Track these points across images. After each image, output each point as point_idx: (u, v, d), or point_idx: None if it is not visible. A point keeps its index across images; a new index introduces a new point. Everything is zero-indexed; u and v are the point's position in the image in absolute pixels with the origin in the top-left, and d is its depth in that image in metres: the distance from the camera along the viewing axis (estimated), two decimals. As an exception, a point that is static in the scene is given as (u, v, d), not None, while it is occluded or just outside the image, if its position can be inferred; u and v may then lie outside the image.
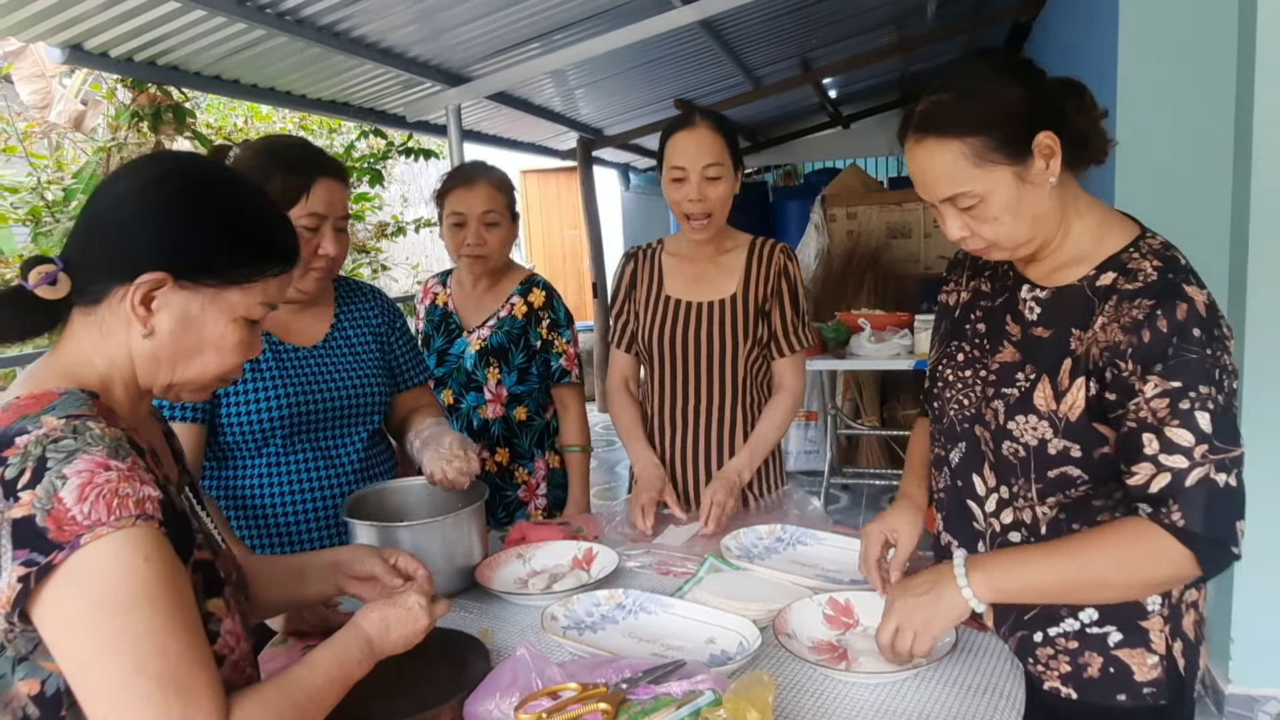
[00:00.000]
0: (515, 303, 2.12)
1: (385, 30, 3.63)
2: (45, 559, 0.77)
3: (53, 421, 0.81)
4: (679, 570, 1.54)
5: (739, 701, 0.93)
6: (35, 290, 0.87)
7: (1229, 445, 1.02)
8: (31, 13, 2.69)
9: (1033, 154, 1.08)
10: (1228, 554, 1.02)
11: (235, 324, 0.94)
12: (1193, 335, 1.02)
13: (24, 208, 3.72)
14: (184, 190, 0.92)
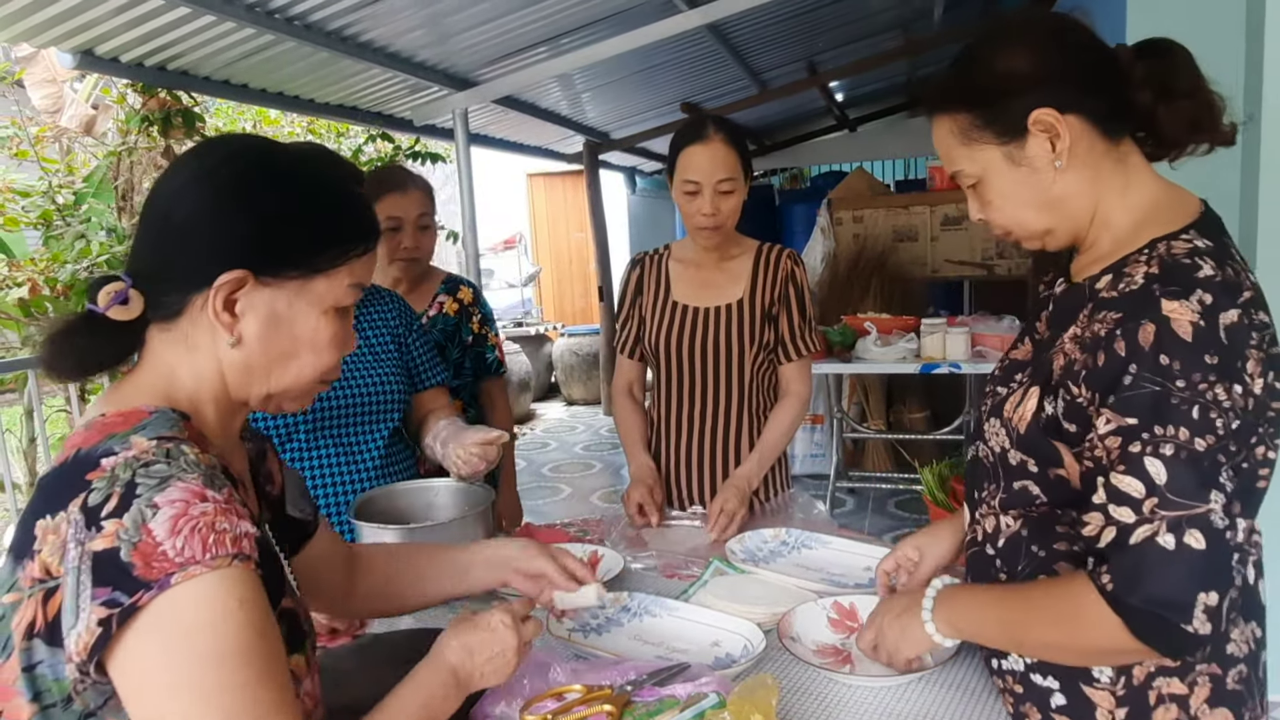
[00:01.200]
0: (444, 301, 2.18)
1: (393, 35, 3.65)
2: (130, 599, 0.67)
3: (143, 443, 0.73)
4: (684, 573, 1.55)
5: (743, 704, 0.94)
6: (107, 313, 0.78)
7: (1189, 500, 0.82)
8: (44, 19, 2.72)
9: (1029, 132, 0.96)
10: (1174, 630, 0.82)
11: (327, 316, 0.84)
12: (1157, 363, 0.85)
13: (35, 211, 3.76)
14: (246, 174, 0.82)
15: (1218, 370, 0.84)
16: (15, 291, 3.55)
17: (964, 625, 1.04)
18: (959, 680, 1.14)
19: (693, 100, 6.27)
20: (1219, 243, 0.94)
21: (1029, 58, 0.96)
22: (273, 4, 3.05)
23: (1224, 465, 0.84)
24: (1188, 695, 0.94)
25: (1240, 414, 0.85)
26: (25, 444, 4.25)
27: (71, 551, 0.69)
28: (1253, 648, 0.97)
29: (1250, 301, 0.89)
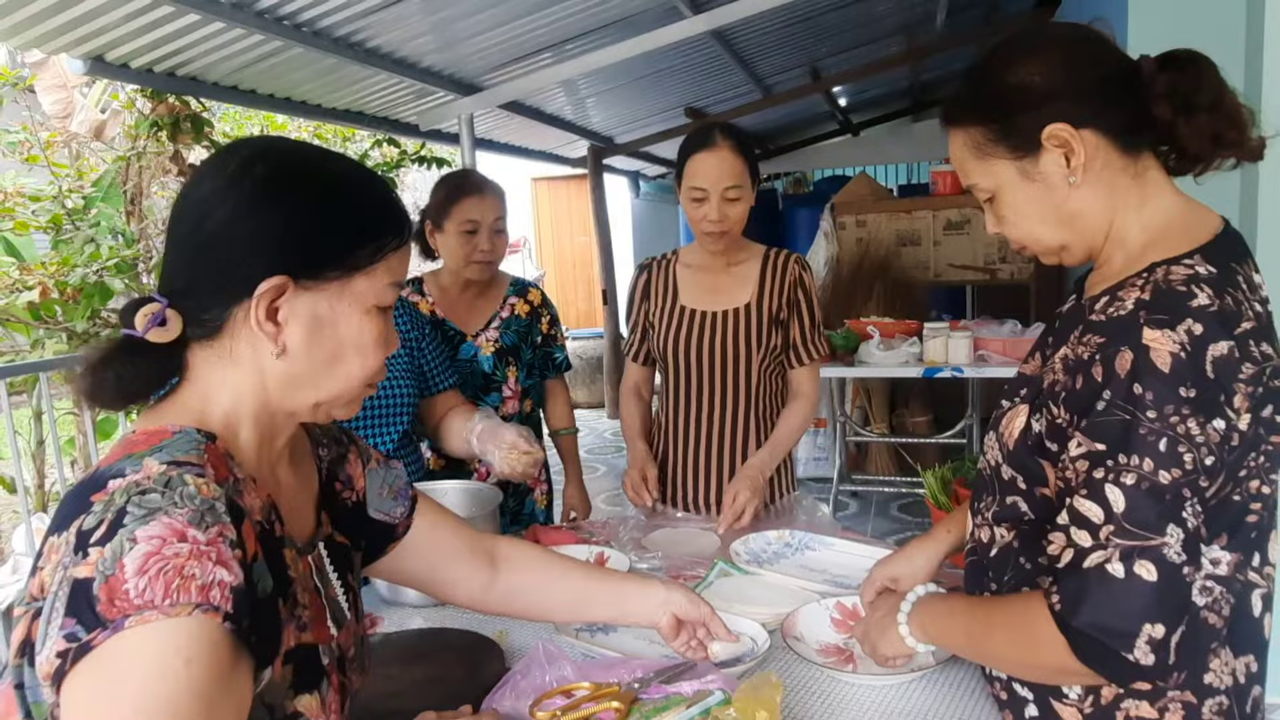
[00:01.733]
0: (515, 303, 2.20)
1: (400, 41, 3.68)
2: (87, 636, 0.63)
3: (153, 466, 0.70)
4: (689, 574, 1.57)
5: (748, 701, 0.96)
6: (146, 336, 0.76)
7: (1145, 531, 0.83)
8: (55, 26, 2.75)
9: (1043, 147, 0.95)
10: (1115, 658, 0.83)
11: (369, 316, 0.81)
12: (1130, 392, 0.84)
13: (45, 215, 3.79)
14: (276, 175, 0.79)
15: (1194, 404, 0.83)
16: (25, 295, 3.58)
17: (935, 632, 1.07)
18: (959, 680, 1.16)
19: (697, 105, 6.30)
20: (1225, 269, 0.91)
21: (1043, 71, 0.95)
22: (281, 10, 3.08)
23: (1188, 500, 0.83)
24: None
25: (1217, 450, 0.84)
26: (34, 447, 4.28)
27: (59, 574, 0.67)
28: (1240, 681, 0.95)
29: (1250, 333, 0.87)
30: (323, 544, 0.90)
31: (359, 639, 0.92)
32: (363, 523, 0.99)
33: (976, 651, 1.05)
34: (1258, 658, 0.97)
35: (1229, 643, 0.95)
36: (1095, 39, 0.98)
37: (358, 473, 1.00)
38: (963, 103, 1.01)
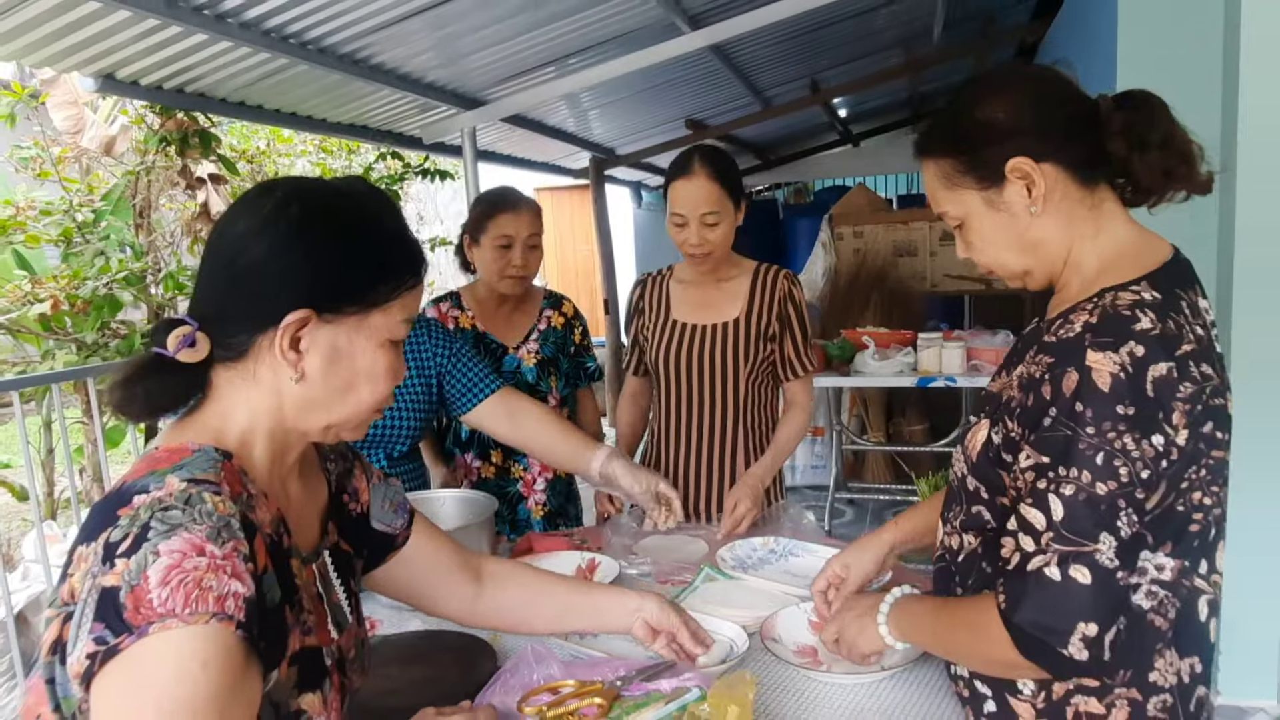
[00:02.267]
0: (550, 316, 2.26)
1: (404, 58, 3.76)
2: (115, 640, 0.70)
3: (175, 483, 0.77)
4: (677, 579, 1.63)
5: (722, 697, 1.02)
6: (176, 356, 0.82)
7: (1080, 538, 0.89)
8: (68, 45, 2.83)
9: (1006, 179, 1.02)
10: (1052, 653, 0.91)
11: (382, 349, 0.89)
12: (1073, 409, 0.90)
13: (56, 229, 3.87)
14: (306, 217, 0.86)
15: (1131, 421, 0.89)
16: (37, 307, 3.66)
17: (909, 631, 1.14)
18: (925, 679, 1.22)
19: (697, 117, 6.38)
20: (1170, 295, 0.97)
21: (1007, 109, 1.02)
22: (287, 29, 3.16)
23: (1123, 510, 0.89)
24: (1105, 716, 0.99)
25: (1153, 464, 0.90)
26: (44, 455, 4.36)
27: (88, 582, 0.73)
28: (1184, 681, 1.01)
29: (1191, 354, 0.93)
30: (328, 552, 0.97)
31: (359, 641, 0.98)
32: (366, 533, 1.06)
33: (942, 648, 1.11)
34: (1202, 660, 1.03)
35: (1174, 644, 1.00)
36: (1057, 80, 1.06)
37: (363, 486, 1.07)
38: (934, 136, 1.08)
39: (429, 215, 8.41)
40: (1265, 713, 2.51)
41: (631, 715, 1.06)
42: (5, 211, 3.83)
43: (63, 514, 4.44)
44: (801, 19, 4.33)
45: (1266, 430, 2.41)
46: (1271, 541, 2.44)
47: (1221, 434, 0.96)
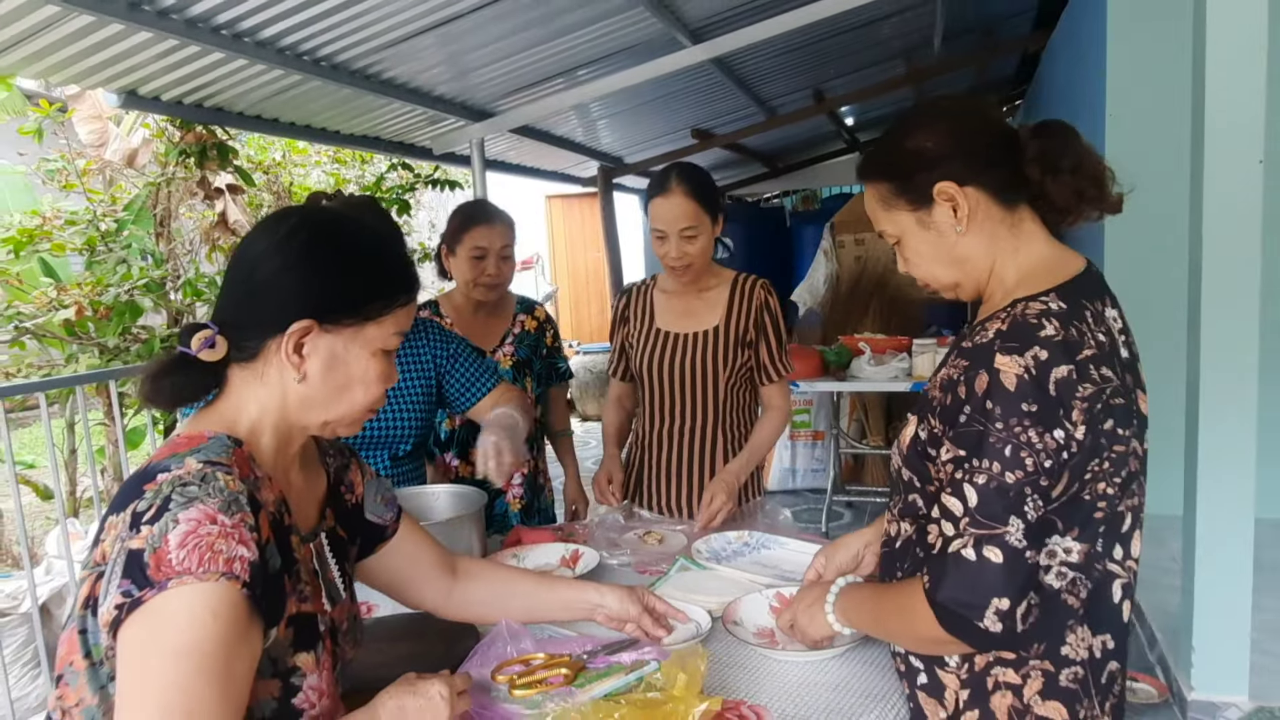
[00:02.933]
0: (524, 320, 2.43)
1: (414, 72, 3.90)
2: (139, 593, 0.83)
3: (192, 465, 0.89)
4: (655, 569, 1.73)
5: (673, 667, 1.12)
6: (198, 355, 0.95)
7: (992, 522, 0.99)
8: (94, 63, 2.99)
9: (934, 201, 1.12)
10: (970, 626, 1.00)
11: (375, 357, 1.01)
12: (984, 407, 1.00)
13: (81, 238, 4.03)
14: (314, 241, 0.99)
15: (1034, 417, 0.99)
16: (62, 313, 3.81)
17: (852, 616, 1.24)
18: (869, 657, 1.32)
19: (703, 127, 6.49)
20: (1075, 305, 1.06)
21: (934, 138, 1.12)
22: (301, 47, 3.30)
23: (1029, 496, 0.99)
24: (1021, 685, 1.09)
25: (1055, 455, 0.99)
26: (67, 455, 4.52)
27: (118, 545, 0.85)
28: (1096, 655, 1.10)
29: (1091, 359, 1.03)
30: (325, 534, 1.09)
31: (352, 616, 1.10)
32: (360, 522, 1.19)
33: (879, 629, 1.21)
34: (1115, 637, 1.13)
35: (1086, 622, 1.10)
36: (981, 112, 1.17)
37: (358, 480, 1.20)
38: (872, 163, 1.19)
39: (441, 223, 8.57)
40: (1237, 708, 2.57)
41: (594, 683, 1.16)
42: (32, 221, 4.00)
43: (85, 512, 4.60)
44: (803, 31, 4.44)
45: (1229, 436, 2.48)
46: (1240, 541, 2.51)
47: (1122, 430, 1.06)
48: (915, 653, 1.17)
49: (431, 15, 3.28)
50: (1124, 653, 1.15)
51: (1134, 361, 1.14)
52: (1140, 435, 1.12)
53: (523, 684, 1.16)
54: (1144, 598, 3.32)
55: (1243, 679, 2.57)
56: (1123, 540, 1.13)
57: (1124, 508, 1.11)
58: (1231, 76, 2.35)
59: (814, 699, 1.22)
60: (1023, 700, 1.09)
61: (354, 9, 3.03)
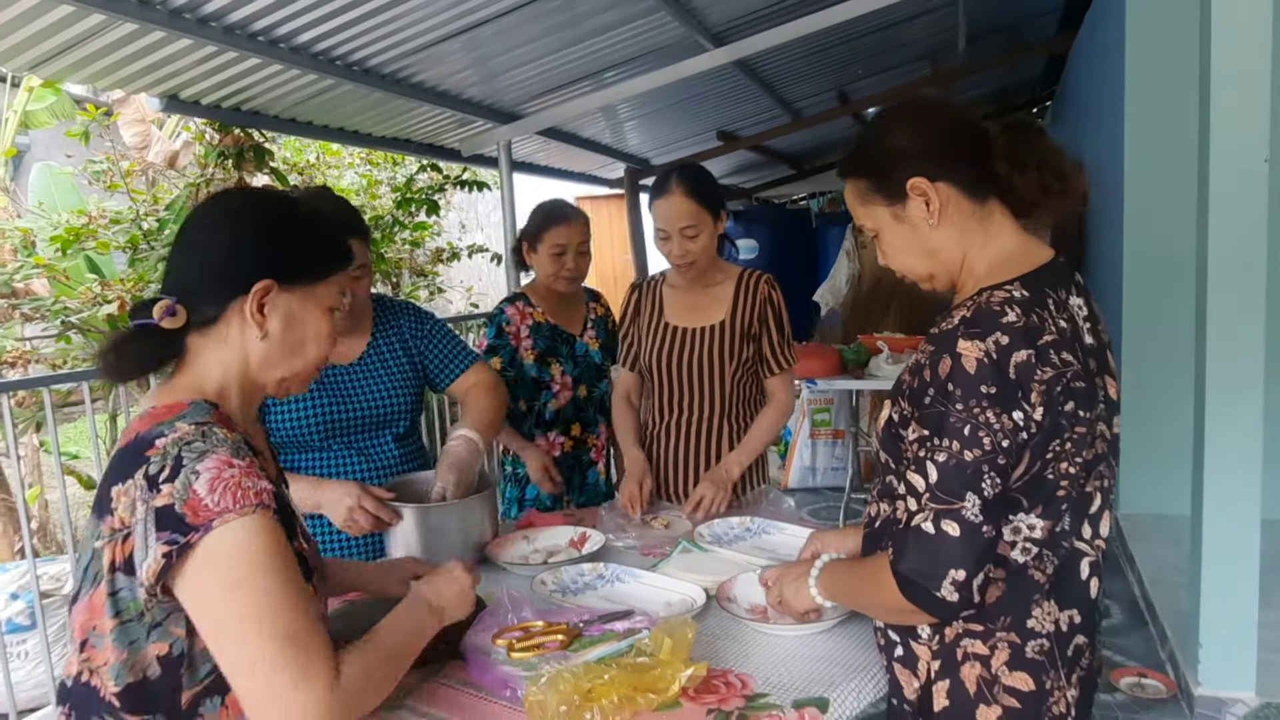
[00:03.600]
0: (595, 307, 2.62)
1: (442, 76, 4.01)
2: (184, 539, 0.93)
3: (184, 427, 0.97)
4: (659, 551, 1.81)
5: (661, 633, 1.20)
6: (160, 323, 1.03)
7: (950, 498, 1.05)
8: (137, 69, 3.13)
9: (908, 196, 1.17)
10: (929, 595, 1.06)
11: (325, 315, 1.13)
12: (946, 389, 1.06)
13: (124, 236, 4.20)
14: (266, 214, 1.10)
15: (992, 399, 1.04)
16: (105, 308, 3.97)
17: (832, 589, 1.31)
18: (854, 633, 1.39)
19: (728, 129, 6.56)
20: (1038, 293, 1.12)
21: (908, 136, 1.18)
22: (334, 52, 3.43)
23: (987, 474, 1.05)
24: (989, 656, 1.14)
25: (1012, 435, 1.05)
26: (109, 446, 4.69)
27: (139, 508, 0.94)
28: (1062, 629, 1.16)
29: (1052, 344, 1.08)
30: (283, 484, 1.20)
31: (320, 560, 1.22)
32: None
33: (854, 600, 1.28)
34: (1082, 613, 1.18)
35: (1052, 596, 1.16)
36: (953, 111, 1.23)
37: None
38: (850, 160, 1.25)
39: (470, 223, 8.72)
40: (1244, 703, 2.59)
41: (588, 649, 1.24)
42: (79, 220, 4.17)
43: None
44: (825, 34, 4.49)
45: (1234, 431, 2.49)
46: (1247, 538, 2.52)
47: (1084, 412, 1.11)
48: (893, 626, 1.23)
49: (460, 20, 3.38)
50: (1092, 628, 1.20)
51: (1102, 349, 1.20)
52: (1108, 419, 1.18)
53: (521, 648, 1.25)
54: (1156, 596, 3.33)
55: (1250, 675, 2.58)
56: (1091, 520, 1.18)
57: (1090, 488, 1.16)
58: (1237, 75, 2.37)
59: (799, 669, 1.29)
60: (990, 670, 1.14)
61: (385, 15, 3.14)
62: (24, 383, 2.77)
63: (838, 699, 1.21)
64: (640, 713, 1.14)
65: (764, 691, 1.21)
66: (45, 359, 4.08)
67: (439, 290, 5.92)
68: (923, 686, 1.18)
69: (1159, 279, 3.90)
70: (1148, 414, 4.07)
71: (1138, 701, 2.79)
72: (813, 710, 1.16)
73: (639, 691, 1.13)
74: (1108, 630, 3.32)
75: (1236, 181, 2.39)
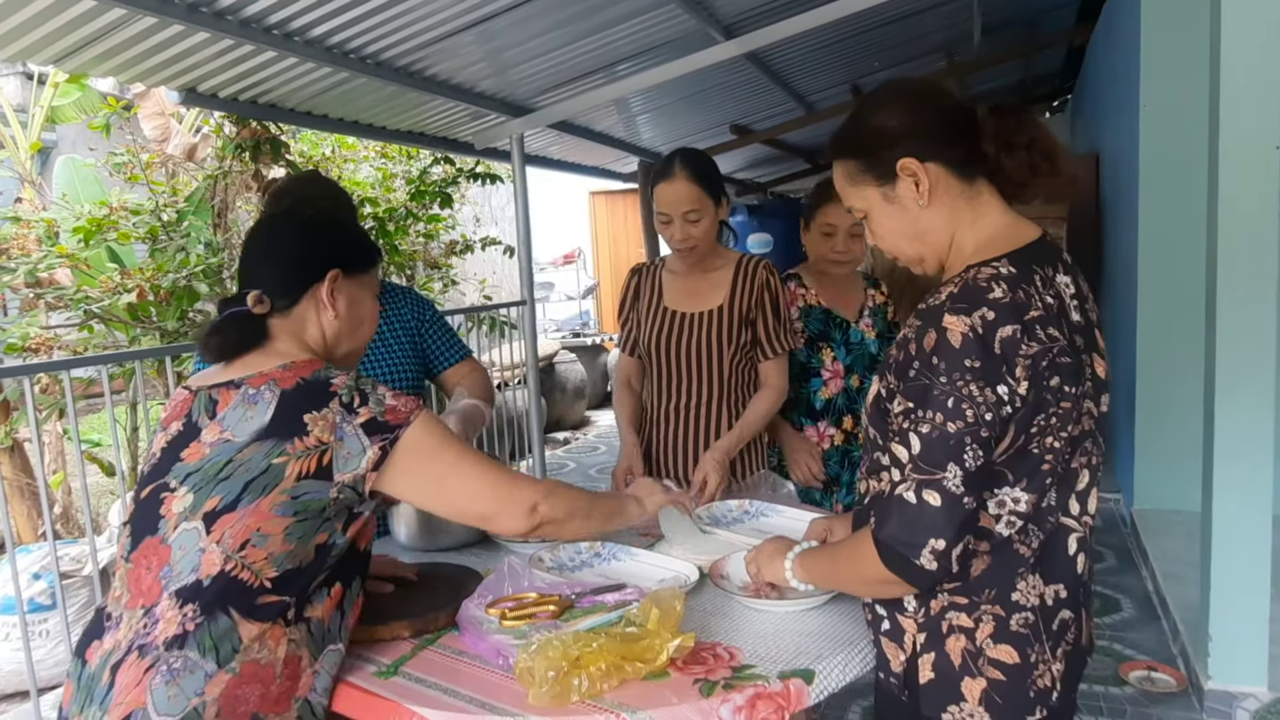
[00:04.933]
0: (873, 294, 2.50)
1: (456, 69, 4.05)
2: (393, 434, 1.23)
3: (339, 374, 1.26)
4: (656, 532, 1.83)
5: (649, 603, 1.22)
6: (253, 310, 1.30)
7: (932, 468, 1.06)
8: (156, 63, 3.19)
9: (898, 176, 1.18)
10: (909, 564, 1.08)
11: (373, 297, 1.44)
12: (930, 362, 1.07)
13: (144, 227, 4.28)
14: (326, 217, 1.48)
15: (976, 372, 1.05)
16: (125, 297, 4.05)
17: (811, 572, 1.33)
18: (843, 610, 1.40)
19: (741, 122, 6.55)
20: (1025, 269, 1.13)
21: (897, 117, 1.19)
22: (349, 45, 3.47)
23: (969, 446, 1.06)
24: (974, 629, 1.15)
25: (995, 408, 1.06)
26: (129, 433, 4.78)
27: (344, 427, 1.21)
28: (1047, 603, 1.17)
29: (1038, 319, 1.09)
30: None
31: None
32: None
33: (832, 578, 1.29)
34: (1068, 588, 1.19)
35: (1038, 570, 1.17)
36: (942, 92, 1.24)
37: None
38: (840, 141, 1.27)
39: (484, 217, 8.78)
40: (1255, 698, 2.57)
41: (579, 619, 1.27)
42: (101, 212, 4.26)
43: (146, 488, 4.85)
44: (836, 26, 4.49)
45: (1244, 425, 2.48)
46: (1258, 529, 2.51)
47: (1070, 388, 1.12)
48: (881, 601, 1.25)
49: (473, 13, 3.41)
50: (1078, 603, 1.21)
51: (1089, 327, 1.20)
52: (1095, 397, 1.18)
53: (513, 616, 1.28)
54: (1169, 591, 3.31)
55: (1261, 670, 2.57)
56: (1079, 496, 1.19)
57: (1076, 464, 1.17)
58: (1247, 61, 2.35)
59: (787, 643, 1.30)
60: (975, 643, 1.16)
61: (399, 8, 3.18)
62: (46, 366, 2.84)
63: (823, 671, 1.22)
64: (628, 680, 1.16)
65: (751, 663, 1.23)
66: (68, 346, 4.16)
67: (453, 283, 5.97)
68: (908, 659, 1.20)
69: (1173, 272, 3.87)
70: (1160, 409, 4.04)
71: (1147, 695, 2.78)
72: (798, 681, 1.18)
73: (627, 660, 1.15)
74: (1119, 624, 3.31)
75: (1246, 169, 2.38)
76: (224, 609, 1.15)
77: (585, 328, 9.10)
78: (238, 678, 1.13)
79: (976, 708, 1.15)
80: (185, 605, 1.15)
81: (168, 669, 1.11)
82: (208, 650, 1.13)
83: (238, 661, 1.13)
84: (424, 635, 1.35)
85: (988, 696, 1.15)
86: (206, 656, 1.13)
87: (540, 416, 5.02)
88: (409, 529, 1.79)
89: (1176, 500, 4.00)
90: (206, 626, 1.14)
